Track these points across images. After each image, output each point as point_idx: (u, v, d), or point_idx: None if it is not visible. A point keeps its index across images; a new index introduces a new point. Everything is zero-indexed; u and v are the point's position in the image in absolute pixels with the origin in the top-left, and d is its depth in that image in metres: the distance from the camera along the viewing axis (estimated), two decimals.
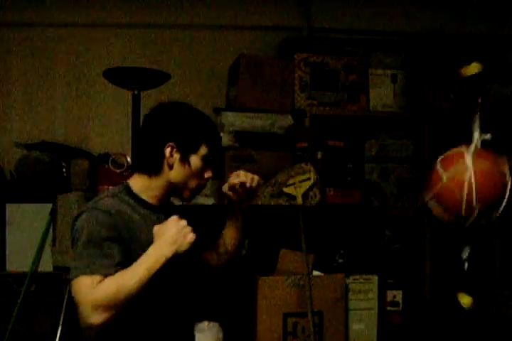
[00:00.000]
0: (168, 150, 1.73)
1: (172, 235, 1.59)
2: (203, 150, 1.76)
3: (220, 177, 3.61)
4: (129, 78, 3.10)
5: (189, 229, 1.61)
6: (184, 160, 1.74)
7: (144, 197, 1.77)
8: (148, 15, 3.99)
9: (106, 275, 1.57)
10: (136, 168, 1.80)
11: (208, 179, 1.82)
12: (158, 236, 1.61)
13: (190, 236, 1.60)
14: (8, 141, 3.86)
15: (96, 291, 1.54)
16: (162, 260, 1.58)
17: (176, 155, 1.73)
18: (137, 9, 3.98)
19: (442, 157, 1.94)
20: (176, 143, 1.73)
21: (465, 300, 2.03)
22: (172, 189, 1.77)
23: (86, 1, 3.96)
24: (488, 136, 1.98)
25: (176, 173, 1.74)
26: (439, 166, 1.89)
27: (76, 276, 1.58)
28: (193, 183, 1.77)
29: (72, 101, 3.98)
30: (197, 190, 1.81)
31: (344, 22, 4.10)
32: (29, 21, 3.92)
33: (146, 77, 3.11)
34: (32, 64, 3.95)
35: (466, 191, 1.79)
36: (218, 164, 1.80)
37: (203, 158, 1.76)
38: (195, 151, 1.75)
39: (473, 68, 2.12)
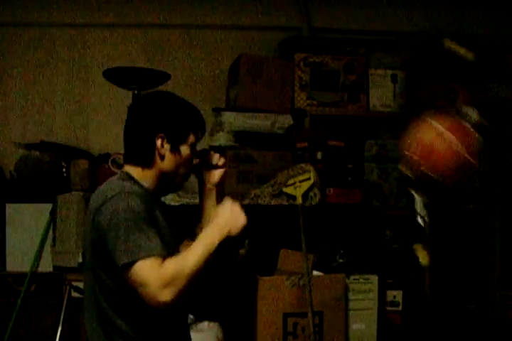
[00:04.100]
0: (159, 141, 1.76)
1: (225, 218, 1.69)
2: (191, 138, 1.81)
3: None
4: (129, 78, 3.11)
5: (242, 213, 1.70)
6: (175, 150, 1.78)
7: (144, 184, 1.79)
8: (148, 15, 3.99)
9: (161, 256, 1.59)
10: (129, 160, 1.82)
11: (195, 166, 1.89)
12: (213, 218, 1.71)
13: (242, 220, 1.69)
14: (8, 141, 3.86)
15: (161, 270, 1.56)
16: (216, 240, 1.65)
17: (167, 146, 1.77)
18: (137, 9, 3.98)
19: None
20: (166, 133, 1.76)
21: (421, 254, 2.15)
22: (164, 178, 1.81)
23: (86, 1, 3.96)
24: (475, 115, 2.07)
25: (168, 163, 1.78)
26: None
27: (134, 260, 1.56)
28: (182, 171, 1.82)
29: (72, 101, 3.98)
30: (186, 177, 1.87)
31: (344, 22, 4.10)
32: (29, 21, 3.92)
33: (146, 77, 3.12)
34: (32, 64, 3.95)
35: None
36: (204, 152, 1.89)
37: (191, 146, 1.82)
38: (184, 141, 1.79)
39: (461, 50, 2.23)
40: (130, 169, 1.81)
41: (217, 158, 1.93)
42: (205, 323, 3.22)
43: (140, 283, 1.56)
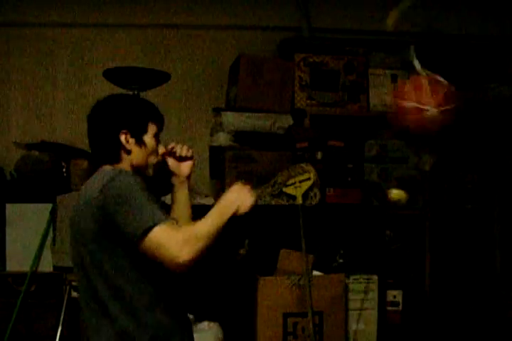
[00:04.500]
0: (123, 137, 1.83)
1: (235, 195, 1.78)
2: (152, 129, 1.88)
3: (220, 177, 3.62)
4: (129, 78, 3.11)
5: (251, 193, 1.80)
6: (140, 142, 1.86)
7: None
8: (148, 15, 3.99)
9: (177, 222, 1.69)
10: (99, 161, 1.89)
11: (163, 154, 1.96)
12: (225, 194, 1.79)
13: (251, 200, 1.79)
14: (8, 141, 3.86)
15: (180, 231, 1.64)
16: (226, 214, 1.73)
17: (131, 140, 1.84)
18: (137, 9, 3.98)
19: None
20: (128, 128, 1.84)
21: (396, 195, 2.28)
22: (136, 171, 1.86)
23: (86, 1, 3.96)
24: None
25: (136, 156, 1.86)
26: None
27: (150, 227, 1.61)
28: (151, 160, 1.90)
29: (72, 101, 3.98)
30: (157, 166, 1.94)
31: (344, 22, 4.09)
32: (29, 21, 3.92)
33: (146, 77, 3.12)
34: (32, 64, 3.95)
35: None
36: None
37: (154, 136, 1.89)
38: (145, 131, 1.87)
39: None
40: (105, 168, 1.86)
41: (186, 150, 2.01)
42: (205, 323, 3.22)
43: (160, 245, 1.61)
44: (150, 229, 1.61)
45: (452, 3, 4.10)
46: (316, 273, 3.30)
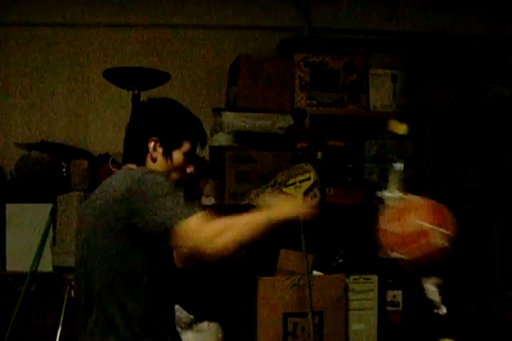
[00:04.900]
0: (152, 143, 1.79)
1: (293, 203, 1.81)
2: (186, 146, 1.82)
3: (220, 177, 3.62)
4: (129, 78, 3.11)
5: (315, 206, 1.81)
6: (167, 154, 1.80)
7: None
8: (148, 15, 3.99)
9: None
10: (124, 159, 1.87)
11: (190, 174, 1.87)
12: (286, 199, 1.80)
13: (312, 210, 1.79)
14: (8, 141, 3.87)
15: (213, 221, 1.60)
16: (276, 217, 1.74)
17: (159, 150, 1.80)
18: (137, 9, 3.98)
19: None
20: (160, 138, 1.79)
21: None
22: None
23: (86, 1, 3.96)
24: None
25: (159, 166, 1.80)
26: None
27: (180, 219, 1.59)
28: (174, 176, 1.82)
29: (72, 101, 3.98)
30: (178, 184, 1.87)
31: (344, 22, 4.09)
32: (29, 21, 3.92)
33: (146, 77, 3.12)
34: (32, 64, 3.95)
35: None
36: (201, 161, 1.92)
37: (185, 154, 1.83)
38: (178, 147, 1.82)
39: (402, 128, 2.16)
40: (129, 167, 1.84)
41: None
42: (205, 323, 3.22)
43: (194, 232, 1.58)
44: (179, 220, 1.59)
45: (452, 3, 4.10)
46: (316, 273, 3.30)
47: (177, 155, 1.81)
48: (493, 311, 3.64)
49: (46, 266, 3.53)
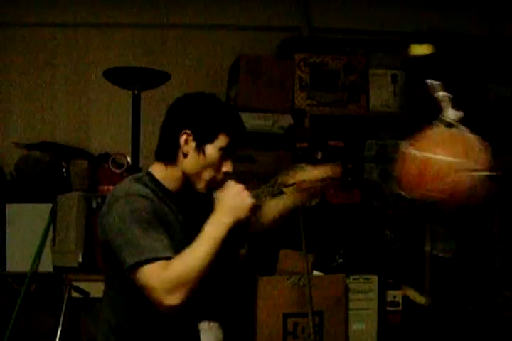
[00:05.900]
0: (183, 137, 1.67)
1: (228, 201, 1.60)
2: (221, 141, 1.68)
3: None
4: (129, 78, 3.11)
5: (246, 193, 1.62)
6: (199, 149, 1.67)
7: (165, 185, 1.72)
8: (148, 15, 4.00)
9: (167, 258, 1.52)
10: (157, 157, 1.76)
11: (226, 173, 1.73)
12: (217, 204, 1.61)
13: (248, 200, 1.61)
14: (8, 141, 3.87)
15: (167, 274, 1.49)
16: (223, 228, 1.56)
17: (192, 144, 1.67)
18: (137, 9, 3.98)
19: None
20: (192, 131, 1.67)
21: (414, 296, 2.05)
22: (187, 179, 1.72)
23: (86, 1, 3.96)
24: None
25: (190, 162, 1.68)
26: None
27: (138, 264, 1.51)
28: (206, 174, 1.70)
29: (72, 101, 3.98)
30: (212, 183, 1.73)
31: (344, 22, 4.10)
32: (29, 21, 3.92)
33: (146, 77, 3.12)
34: (32, 64, 3.95)
35: None
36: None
37: (221, 149, 1.68)
38: (211, 141, 1.67)
39: (423, 49, 2.07)
40: (156, 167, 1.74)
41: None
42: (205, 323, 3.22)
43: (146, 288, 1.52)
44: (136, 265, 1.51)
45: (452, 3, 4.10)
46: (316, 273, 3.30)
47: (211, 151, 1.67)
48: (493, 311, 3.64)
49: (46, 266, 3.54)
